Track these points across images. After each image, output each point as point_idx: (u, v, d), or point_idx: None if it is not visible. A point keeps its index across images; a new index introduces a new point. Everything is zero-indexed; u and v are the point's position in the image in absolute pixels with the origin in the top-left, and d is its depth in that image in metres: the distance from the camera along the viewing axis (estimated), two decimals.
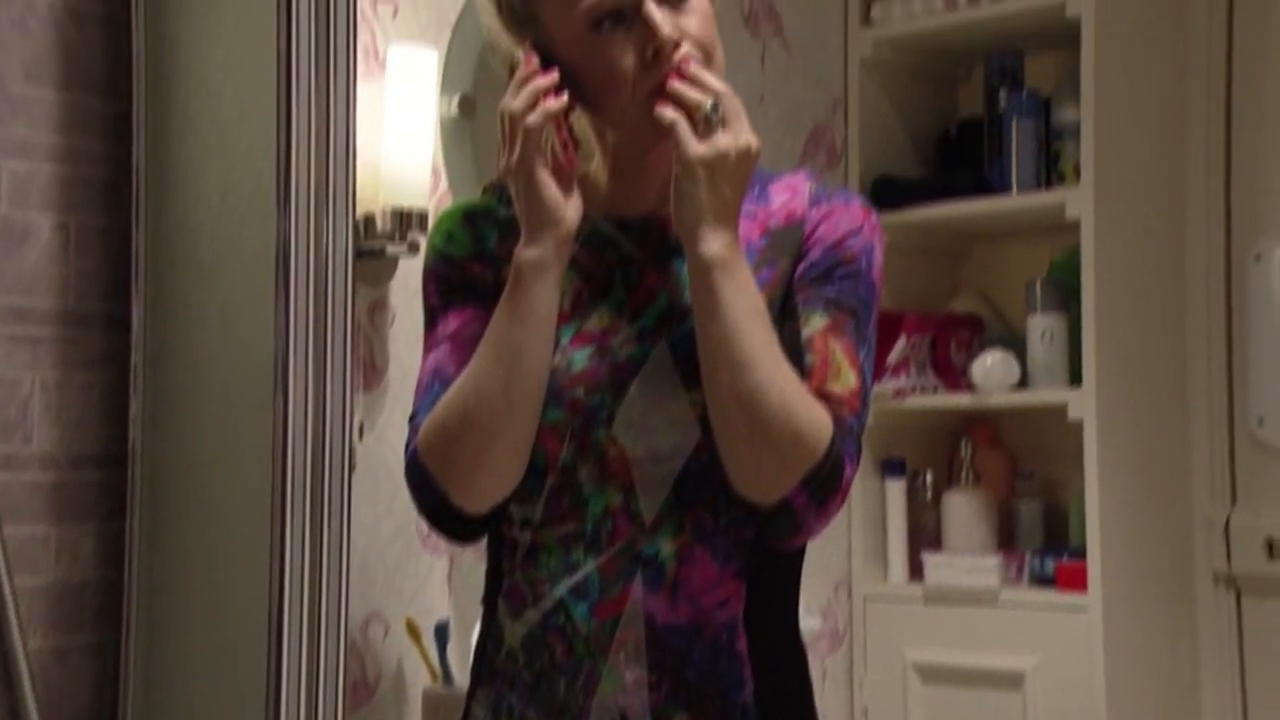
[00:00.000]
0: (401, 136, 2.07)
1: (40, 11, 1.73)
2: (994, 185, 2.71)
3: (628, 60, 1.21)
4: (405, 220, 2.06)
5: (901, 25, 2.80)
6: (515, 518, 1.27)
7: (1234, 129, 2.68)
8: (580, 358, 1.25)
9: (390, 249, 2.07)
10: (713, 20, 1.26)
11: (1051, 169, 2.66)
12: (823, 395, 1.21)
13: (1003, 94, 2.71)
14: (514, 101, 1.22)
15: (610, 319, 1.27)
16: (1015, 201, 2.67)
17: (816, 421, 1.19)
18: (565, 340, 1.26)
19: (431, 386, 1.27)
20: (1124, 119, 2.60)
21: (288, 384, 1.67)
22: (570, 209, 1.23)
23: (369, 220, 2.06)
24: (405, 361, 2.13)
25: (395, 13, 2.15)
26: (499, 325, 1.22)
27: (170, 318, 1.80)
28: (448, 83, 2.20)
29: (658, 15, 1.20)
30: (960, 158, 2.87)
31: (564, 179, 1.23)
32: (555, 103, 1.21)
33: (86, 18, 1.77)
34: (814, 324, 1.24)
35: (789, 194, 1.31)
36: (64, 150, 1.75)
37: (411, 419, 1.28)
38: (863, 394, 1.24)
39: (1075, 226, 2.55)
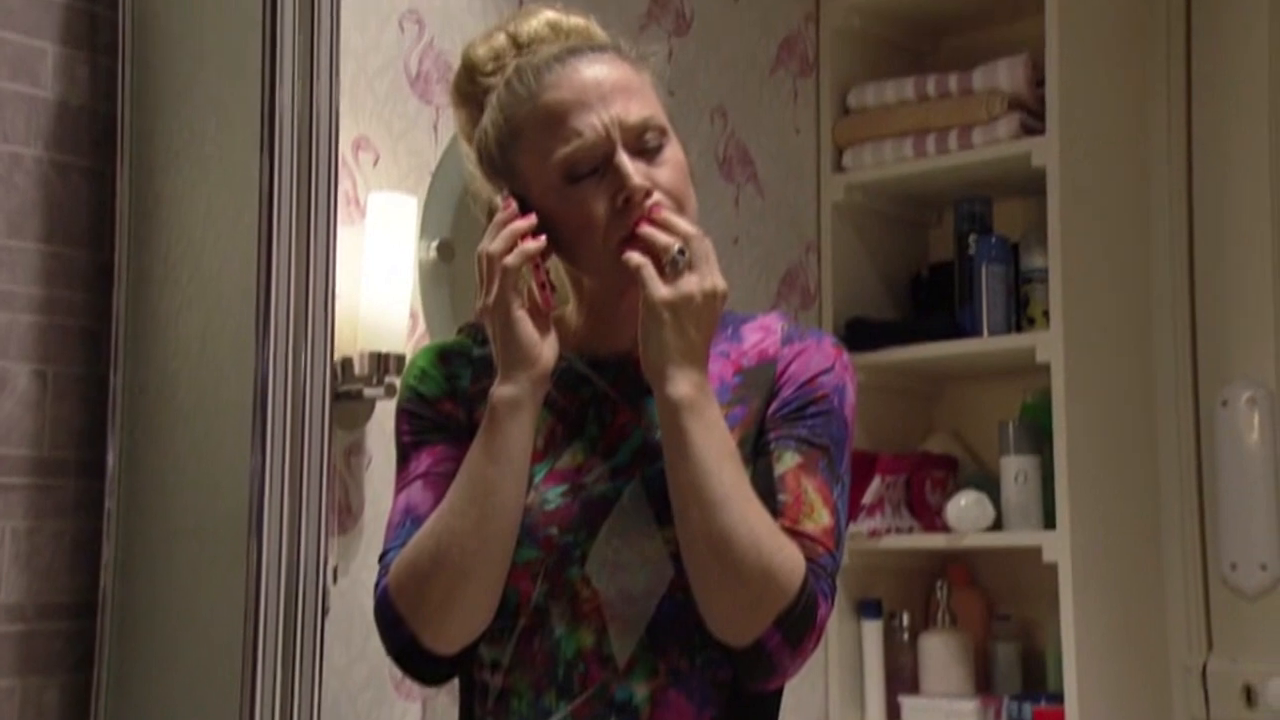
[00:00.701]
0: (380, 281, 2.10)
1: (27, 165, 1.77)
2: (965, 328, 2.75)
3: (600, 208, 1.24)
4: (383, 364, 2.07)
5: (872, 171, 2.87)
6: (486, 660, 1.26)
7: (1197, 276, 2.73)
8: (553, 495, 1.26)
9: (367, 392, 2.09)
10: (685, 172, 1.29)
11: (1021, 313, 2.70)
12: (795, 534, 1.22)
13: (972, 239, 2.76)
14: (492, 243, 1.25)
15: (584, 456, 1.28)
16: (986, 344, 2.70)
17: (789, 561, 1.19)
18: (538, 478, 1.27)
19: (402, 525, 1.27)
20: (1091, 265, 2.65)
21: (262, 528, 1.67)
22: (546, 349, 1.25)
23: (346, 363, 2.08)
24: (381, 504, 2.12)
25: (376, 161, 2.19)
26: (473, 463, 1.23)
27: (145, 463, 1.80)
28: (427, 228, 2.23)
29: (629, 165, 1.24)
30: (932, 300, 2.91)
31: (540, 319, 1.25)
32: (533, 244, 1.25)
33: (72, 170, 1.81)
34: (786, 462, 1.25)
35: (762, 334, 1.34)
36: (44, 300, 1.77)
37: (381, 558, 1.28)
38: (836, 532, 1.25)
39: (1046, 369, 2.59)
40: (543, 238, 1.26)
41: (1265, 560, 2.60)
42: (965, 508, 2.66)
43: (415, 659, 1.24)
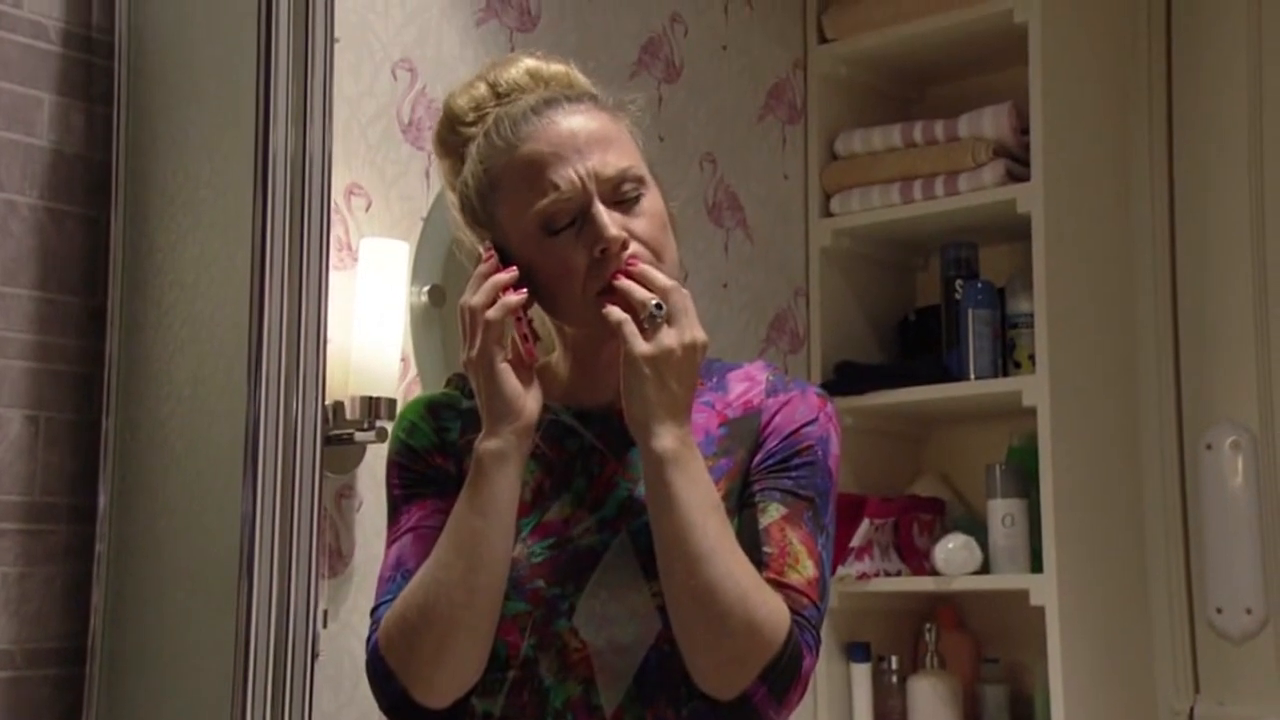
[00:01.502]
0: (372, 325, 2.11)
1: (22, 213, 1.78)
2: (952, 372, 2.76)
3: (578, 260, 1.25)
4: (374, 407, 2.08)
5: (860, 217, 2.89)
6: (478, 711, 1.27)
7: (1181, 321, 2.76)
8: (541, 548, 1.27)
9: (359, 436, 2.09)
10: (664, 222, 1.30)
11: (1008, 357, 2.72)
12: (780, 585, 1.23)
13: (959, 284, 2.78)
14: (474, 296, 1.26)
15: (571, 509, 1.29)
16: (973, 388, 2.72)
17: (774, 614, 1.20)
18: (526, 531, 1.27)
19: (393, 579, 1.28)
20: (1076, 310, 2.68)
21: (253, 572, 1.67)
22: (530, 400, 1.25)
23: (338, 407, 2.09)
24: (371, 548, 2.13)
25: (368, 207, 2.21)
26: (460, 516, 1.24)
27: (137, 507, 1.81)
28: (418, 273, 2.25)
29: (605, 217, 1.25)
30: (919, 344, 2.93)
31: (524, 371, 1.26)
32: (515, 297, 1.26)
33: (67, 217, 1.82)
34: (771, 514, 1.26)
35: (747, 384, 1.34)
36: (37, 347, 1.78)
37: (373, 612, 1.29)
38: (821, 583, 1.25)
39: (1032, 413, 2.60)
40: (524, 290, 1.27)
41: (1250, 604, 2.61)
42: (953, 551, 2.67)
43: (407, 713, 1.24)
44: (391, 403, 2.09)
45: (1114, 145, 2.83)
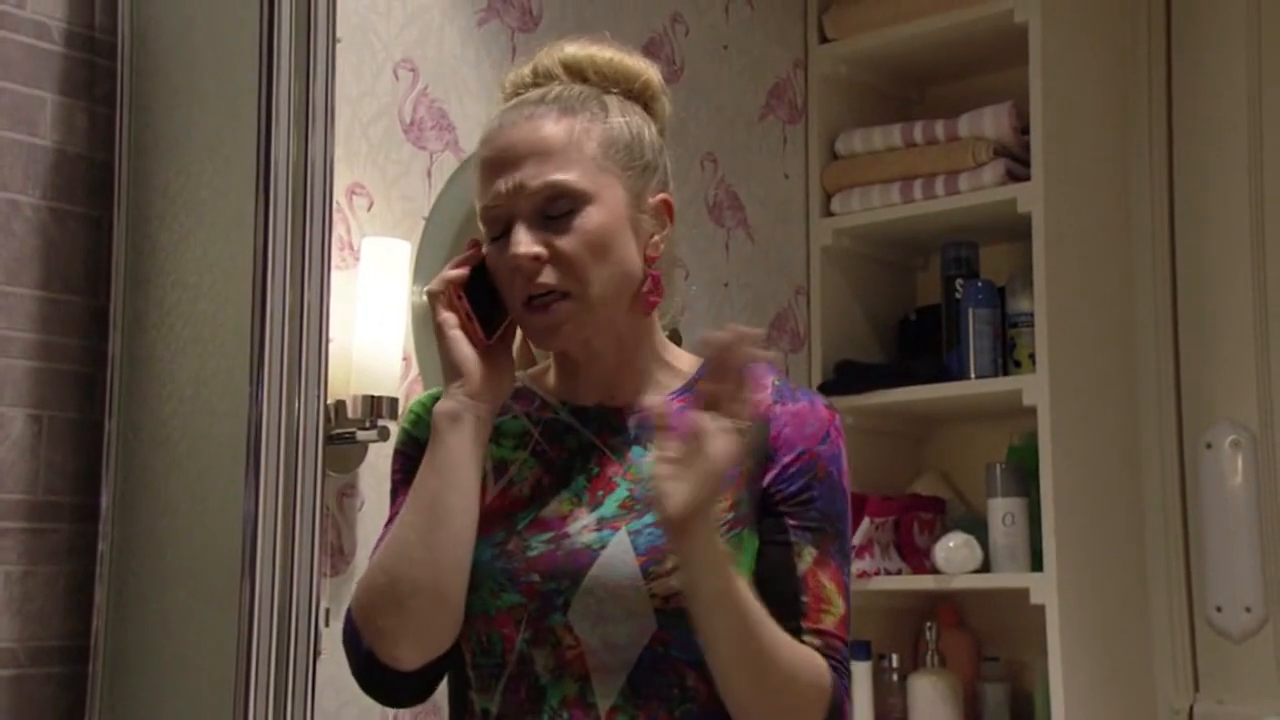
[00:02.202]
0: (373, 325, 2.12)
1: (25, 213, 1.79)
2: (953, 371, 2.77)
3: (503, 269, 1.28)
4: (376, 407, 2.09)
5: (861, 216, 2.90)
6: (477, 708, 1.27)
7: (1180, 320, 2.77)
8: (536, 542, 1.27)
9: (360, 435, 2.10)
10: (598, 240, 1.26)
11: (1008, 356, 2.73)
12: (818, 633, 1.25)
13: (959, 284, 2.79)
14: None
15: (570, 506, 1.29)
16: (973, 387, 2.72)
17: (821, 681, 1.23)
18: (522, 525, 1.28)
19: None
20: (1076, 309, 2.68)
21: (255, 571, 1.67)
22: (482, 367, 1.27)
23: (340, 406, 2.09)
24: (373, 546, 2.13)
25: (370, 206, 2.22)
26: (419, 478, 1.26)
27: (139, 507, 1.81)
28: (420, 273, 2.26)
29: (519, 234, 1.26)
30: (920, 343, 2.94)
31: (482, 345, 1.29)
32: (454, 272, 1.29)
33: (69, 218, 1.83)
34: (806, 559, 1.27)
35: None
36: (40, 346, 1.78)
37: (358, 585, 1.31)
38: (847, 616, 1.28)
39: (1033, 412, 2.61)
40: (465, 269, 1.30)
41: (1250, 603, 2.62)
42: (953, 549, 2.68)
43: (376, 677, 1.25)
44: (393, 402, 2.10)
45: (1114, 145, 2.83)
